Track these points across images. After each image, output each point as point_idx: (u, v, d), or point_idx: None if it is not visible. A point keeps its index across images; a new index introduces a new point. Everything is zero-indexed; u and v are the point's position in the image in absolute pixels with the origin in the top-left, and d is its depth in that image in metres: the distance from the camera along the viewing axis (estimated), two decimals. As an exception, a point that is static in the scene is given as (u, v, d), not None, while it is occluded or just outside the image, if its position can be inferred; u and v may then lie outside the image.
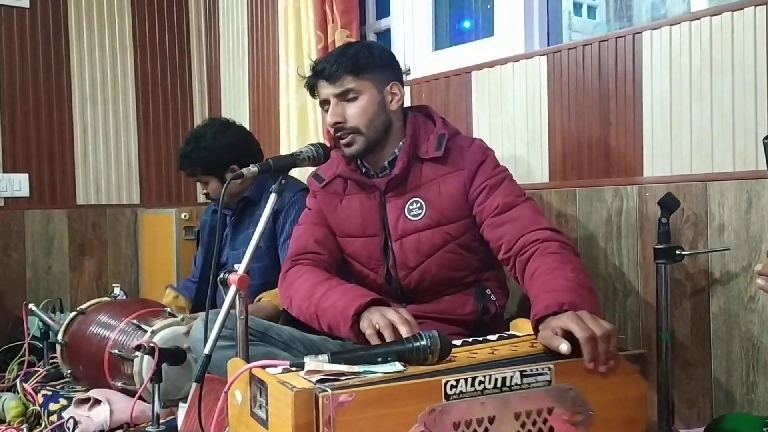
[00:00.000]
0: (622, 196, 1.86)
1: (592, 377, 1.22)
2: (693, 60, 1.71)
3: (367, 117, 1.66)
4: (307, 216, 1.84)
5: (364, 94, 1.66)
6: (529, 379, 1.18)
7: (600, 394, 1.23)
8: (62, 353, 2.28)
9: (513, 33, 2.22)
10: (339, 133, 1.67)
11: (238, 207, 2.39)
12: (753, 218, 1.61)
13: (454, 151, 1.69)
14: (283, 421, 1.09)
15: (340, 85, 1.65)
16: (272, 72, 3.11)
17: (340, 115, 1.66)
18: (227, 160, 2.32)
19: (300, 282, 1.67)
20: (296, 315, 1.68)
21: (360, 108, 1.66)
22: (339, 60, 1.65)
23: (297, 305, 1.66)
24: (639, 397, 1.27)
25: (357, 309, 1.46)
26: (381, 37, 2.82)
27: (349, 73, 1.65)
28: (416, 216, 1.69)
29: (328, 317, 1.55)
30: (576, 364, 1.21)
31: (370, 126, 1.67)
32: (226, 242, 2.43)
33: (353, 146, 1.67)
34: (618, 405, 1.24)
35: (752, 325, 1.62)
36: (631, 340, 1.84)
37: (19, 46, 3.21)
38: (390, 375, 1.15)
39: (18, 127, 3.21)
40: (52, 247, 3.28)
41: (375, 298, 1.49)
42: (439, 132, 1.71)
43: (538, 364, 1.20)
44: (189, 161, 2.37)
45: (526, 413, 1.17)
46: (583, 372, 1.21)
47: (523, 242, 1.55)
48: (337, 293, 1.56)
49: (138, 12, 3.49)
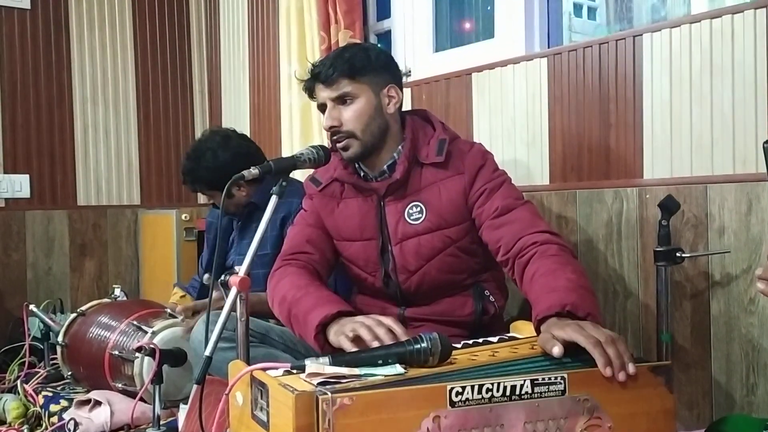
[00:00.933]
0: (623, 198, 1.86)
1: (611, 388, 1.17)
2: (693, 62, 1.71)
3: (363, 121, 1.66)
4: (302, 217, 1.84)
5: (361, 97, 1.66)
6: (541, 388, 1.14)
7: (621, 407, 1.18)
8: (63, 354, 2.28)
9: (513, 35, 2.22)
10: (335, 137, 1.67)
11: (244, 212, 2.39)
12: (753, 221, 1.61)
13: (454, 155, 1.70)
14: (284, 423, 1.10)
15: (336, 89, 1.64)
16: (273, 72, 3.11)
17: (336, 119, 1.65)
18: (230, 176, 2.31)
19: (282, 284, 1.67)
20: (276, 315, 1.67)
21: (356, 112, 1.65)
22: (335, 63, 1.65)
23: (277, 306, 1.66)
24: (666, 411, 1.21)
25: (322, 320, 1.45)
26: (382, 39, 2.82)
27: (345, 77, 1.64)
28: (416, 220, 1.69)
29: (296, 323, 1.55)
30: (593, 373, 1.17)
31: (366, 130, 1.66)
32: (232, 246, 2.42)
33: (349, 150, 1.67)
34: (642, 419, 1.19)
35: (752, 327, 1.62)
36: (632, 341, 1.84)
37: (20, 47, 3.21)
38: (391, 377, 1.15)
39: (19, 128, 3.21)
40: (53, 247, 3.28)
41: (342, 310, 1.48)
42: (440, 137, 1.70)
43: (551, 373, 1.16)
44: (191, 178, 2.36)
45: (538, 423, 1.14)
46: (601, 382, 1.17)
47: (522, 244, 1.55)
48: (310, 301, 1.54)
49: (139, 12, 3.49)
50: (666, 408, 1.22)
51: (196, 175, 2.34)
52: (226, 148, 2.33)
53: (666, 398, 1.22)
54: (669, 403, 1.22)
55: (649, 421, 1.20)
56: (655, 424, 1.20)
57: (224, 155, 2.31)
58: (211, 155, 2.31)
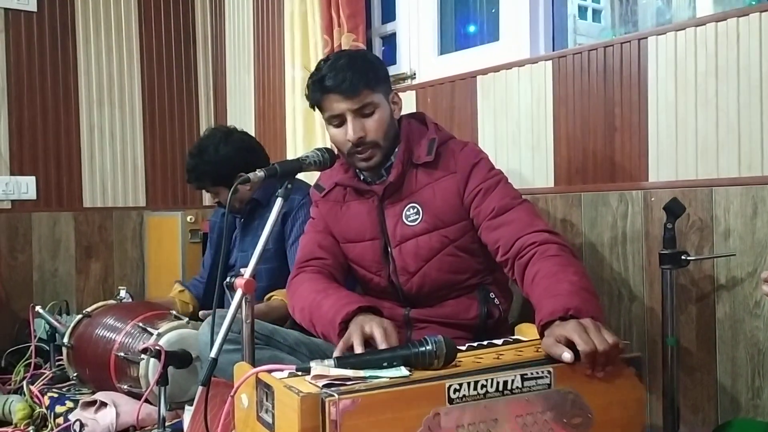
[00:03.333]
0: (628, 201, 1.86)
1: (591, 381, 1.24)
2: (698, 65, 1.71)
3: (384, 129, 1.66)
4: (311, 225, 1.86)
5: (380, 107, 1.66)
6: (530, 383, 1.20)
7: (599, 397, 1.25)
8: (68, 356, 2.29)
9: (518, 37, 2.23)
10: (359, 147, 1.65)
11: (246, 209, 2.40)
12: (758, 224, 1.61)
13: (445, 155, 1.70)
14: (289, 425, 1.10)
15: (360, 101, 1.62)
16: (278, 75, 3.12)
17: (362, 129, 1.64)
18: (234, 169, 2.33)
19: (301, 290, 1.68)
20: (299, 323, 1.69)
21: (378, 122, 1.65)
22: (354, 74, 1.61)
23: (299, 313, 1.68)
24: (637, 399, 1.30)
25: (344, 317, 1.46)
26: (386, 42, 2.82)
27: (366, 87, 1.62)
28: (413, 221, 1.70)
29: (321, 325, 1.56)
30: (575, 367, 1.23)
31: (386, 138, 1.68)
32: (235, 244, 2.45)
33: (372, 160, 1.67)
34: (617, 408, 1.27)
35: (758, 330, 1.62)
36: (636, 345, 1.84)
37: (27, 50, 3.23)
38: (396, 380, 1.16)
39: (25, 130, 3.22)
40: (59, 249, 3.29)
41: (363, 306, 1.48)
42: (430, 137, 1.71)
43: (539, 367, 1.21)
44: (196, 175, 2.39)
45: (527, 416, 1.19)
46: (583, 376, 1.23)
47: (521, 245, 1.55)
48: (330, 301, 1.56)
49: (145, 15, 3.51)
50: (637, 396, 1.30)
51: (200, 170, 2.36)
52: (228, 142, 2.36)
53: (637, 387, 1.30)
54: (640, 392, 1.31)
55: (622, 408, 1.28)
56: (627, 411, 1.28)
57: (226, 149, 2.34)
58: (213, 150, 2.34)
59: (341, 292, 1.62)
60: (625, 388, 1.27)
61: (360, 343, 1.37)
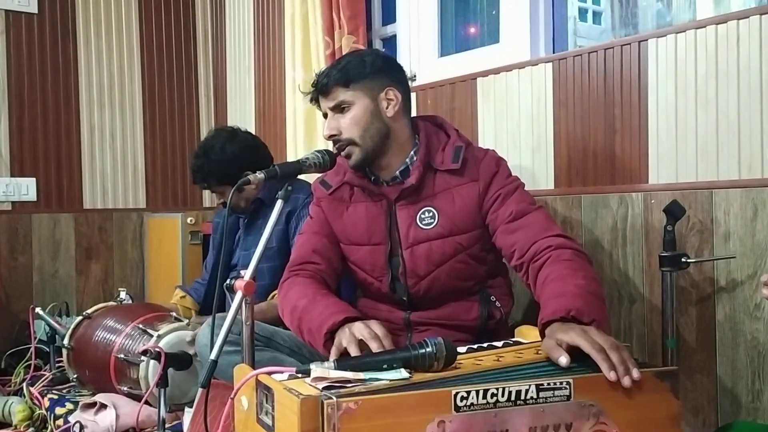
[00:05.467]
0: (628, 203, 1.86)
1: (616, 394, 1.17)
2: (698, 68, 1.71)
3: (361, 127, 1.67)
4: (308, 225, 1.84)
5: (356, 104, 1.66)
6: (546, 393, 1.14)
7: (626, 412, 1.17)
8: (68, 357, 2.29)
9: (518, 39, 2.23)
10: (336, 145, 1.69)
11: (250, 209, 2.41)
12: (759, 226, 1.61)
13: (469, 162, 1.70)
14: (289, 427, 1.10)
15: (333, 98, 1.67)
16: (278, 77, 3.12)
17: (334, 128, 1.67)
18: (239, 169, 2.33)
19: (291, 295, 1.68)
20: (288, 327, 1.69)
21: (352, 119, 1.66)
22: (330, 73, 1.68)
23: (287, 317, 1.67)
24: (671, 417, 1.21)
25: (330, 327, 1.47)
26: (387, 43, 2.83)
27: (339, 85, 1.66)
28: (428, 225, 1.69)
29: (308, 332, 1.56)
30: (598, 378, 1.17)
31: (365, 135, 1.67)
32: (238, 243, 2.45)
33: (351, 157, 1.68)
34: (647, 425, 1.19)
35: (758, 333, 1.62)
36: (637, 347, 1.84)
37: (27, 51, 3.23)
38: (396, 382, 1.15)
39: (25, 132, 3.23)
40: (59, 250, 3.29)
41: (349, 316, 1.49)
42: (456, 144, 1.71)
43: (557, 378, 1.16)
44: (202, 175, 2.39)
45: (542, 428, 1.14)
46: (606, 388, 1.16)
47: (536, 249, 1.55)
48: (318, 308, 1.56)
49: (145, 17, 3.51)
50: (671, 414, 1.21)
51: (206, 170, 2.37)
52: (233, 141, 2.37)
53: (671, 404, 1.21)
54: (674, 409, 1.21)
55: (654, 427, 1.19)
56: (661, 430, 1.20)
57: (232, 148, 2.35)
58: (219, 149, 2.35)
59: (329, 299, 1.62)
60: (656, 404, 1.19)
61: (355, 346, 1.37)
